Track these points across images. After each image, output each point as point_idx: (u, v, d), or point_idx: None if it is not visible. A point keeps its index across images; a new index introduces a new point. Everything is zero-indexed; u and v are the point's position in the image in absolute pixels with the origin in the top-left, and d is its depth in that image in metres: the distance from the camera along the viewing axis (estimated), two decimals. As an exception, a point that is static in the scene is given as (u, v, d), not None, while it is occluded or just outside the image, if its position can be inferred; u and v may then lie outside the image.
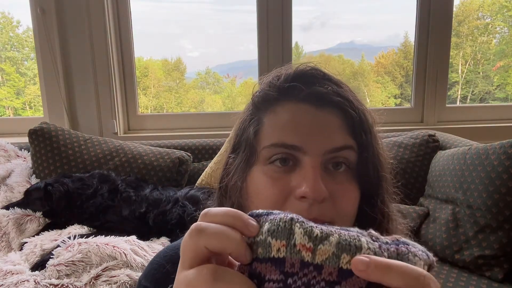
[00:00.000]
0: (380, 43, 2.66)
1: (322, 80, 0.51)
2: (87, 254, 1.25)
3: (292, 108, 0.50)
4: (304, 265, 0.28)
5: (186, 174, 1.91)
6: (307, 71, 0.52)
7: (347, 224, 0.48)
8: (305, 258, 0.28)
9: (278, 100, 0.51)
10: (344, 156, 0.48)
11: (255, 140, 0.51)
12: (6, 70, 2.58)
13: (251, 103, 0.55)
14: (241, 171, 0.52)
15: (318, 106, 0.49)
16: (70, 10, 2.09)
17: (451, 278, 1.38)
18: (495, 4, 2.57)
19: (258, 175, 0.49)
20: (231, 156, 0.56)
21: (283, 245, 0.28)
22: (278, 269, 0.28)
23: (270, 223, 0.29)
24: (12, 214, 1.54)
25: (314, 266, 0.28)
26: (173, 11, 2.58)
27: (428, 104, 2.26)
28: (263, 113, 0.52)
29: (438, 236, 1.51)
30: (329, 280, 0.28)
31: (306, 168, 0.46)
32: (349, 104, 0.50)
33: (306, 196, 0.44)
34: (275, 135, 0.49)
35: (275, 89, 0.52)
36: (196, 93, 2.76)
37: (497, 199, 1.38)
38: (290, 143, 0.47)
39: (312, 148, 0.47)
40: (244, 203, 0.51)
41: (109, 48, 2.13)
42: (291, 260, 0.28)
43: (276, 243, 0.28)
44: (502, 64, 2.60)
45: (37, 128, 1.86)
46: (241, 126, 0.55)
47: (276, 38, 2.19)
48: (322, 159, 0.47)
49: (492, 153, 1.43)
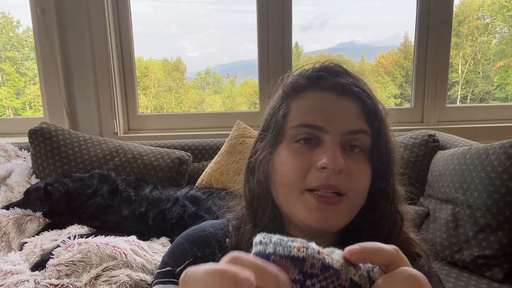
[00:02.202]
0: (380, 43, 2.66)
1: (343, 74, 0.59)
2: (87, 254, 1.25)
3: (317, 95, 0.58)
4: (325, 267, 0.28)
5: (186, 174, 1.91)
6: (331, 66, 0.60)
7: (359, 199, 0.55)
8: (326, 260, 0.28)
9: (306, 88, 0.59)
10: (359, 140, 0.55)
11: (283, 121, 0.58)
12: (6, 70, 2.58)
13: (282, 92, 0.62)
14: (269, 147, 0.59)
15: (339, 95, 0.57)
16: (70, 10, 2.09)
17: (451, 278, 1.38)
18: (495, 4, 2.57)
19: (284, 151, 0.56)
20: (262, 134, 0.62)
21: (303, 247, 0.28)
22: (297, 267, 0.28)
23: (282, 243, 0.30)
24: (12, 214, 1.54)
25: (334, 270, 0.28)
26: (173, 11, 2.58)
27: (428, 104, 2.26)
28: (291, 100, 0.59)
29: (438, 236, 1.51)
30: (344, 286, 0.28)
31: (327, 144, 0.53)
32: (366, 95, 0.57)
33: (327, 167, 0.51)
34: (301, 117, 0.56)
35: (304, 78, 0.60)
36: (196, 93, 2.76)
37: (497, 199, 1.38)
38: (313, 123, 0.55)
39: (333, 128, 0.54)
40: (269, 176, 0.58)
41: (109, 48, 2.13)
42: (312, 260, 0.28)
43: (296, 245, 0.29)
44: (502, 64, 2.60)
45: (37, 128, 1.86)
46: (271, 111, 0.62)
47: (276, 38, 2.19)
48: (340, 138, 0.54)
49: (492, 153, 1.43)
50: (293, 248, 0.28)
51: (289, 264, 0.28)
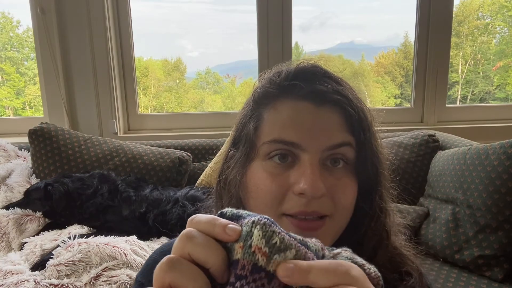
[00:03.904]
0: (380, 43, 2.66)
1: (322, 78, 0.52)
2: (87, 254, 1.25)
3: (292, 105, 0.50)
4: (255, 269, 0.26)
5: (186, 174, 1.91)
6: (307, 68, 0.53)
7: (345, 217, 0.50)
8: (259, 263, 0.26)
9: (278, 96, 0.52)
10: (342, 153, 0.49)
11: (255, 135, 0.52)
12: (6, 70, 2.58)
13: (251, 99, 0.55)
14: (240, 165, 0.53)
15: (318, 104, 0.50)
16: (70, 10, 2.09)
17: (451, 278, 1.38)
18: (495, 4, 2.57)
19: (258, 170, 0.50)
20: (231, 150, 0.57)
21: (240, 247, 0.27)
22: (234, 271, 0.26)
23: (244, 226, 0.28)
24: (12, 214, 1.54)
25: (266, 272, 0.26)
26: (173, 11, 2.58)
27: (428, 104, 2.26)
28: (263, 109, 0.53)
29: (438, 236, 1.51)
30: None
31: (304, 165, 0.47)
32: (348, 102, 0.50)
33: (305, 193, 0.45)
34: (275, 132, 0.50)
35: (275, 86, 0.53)
36: (196, 93, 2.76)
37: (497, 199, 1.38)
38: (289, 140, 0.48)
39: (311, 145, 0.48)
40: (243, 197, 0.52)
41: (109, 48, 2.13)
42: (243, 261, 0.26)
43: (237, 245, 0.27)
44: (502, 64, 2.60)
45: (37, 128, 1.86)
46: (242, 121, 0.56)
47: (276, 38, 2.19)
48: (320, 156, 0.48)
49: (492, 153, 1.43)
50: (235, 251, 0.27)
51: (230, 269, 0.27)
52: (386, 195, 0.54)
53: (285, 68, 0.54)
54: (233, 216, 0.29)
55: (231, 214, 0.30)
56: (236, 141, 0.56)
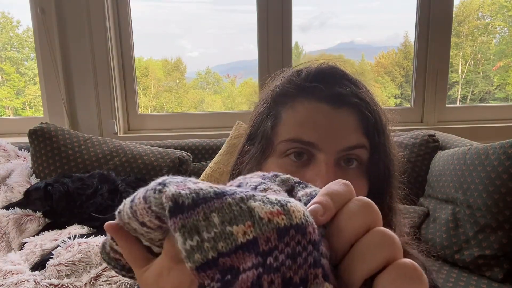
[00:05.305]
0: (380, 43, 2.66)
1: (341, 80, 0.53)
2: (87, 254, 1.26)
3: (311, 106, 0.51)
4: (282, 232, 0.22)
5: (186, 174, 1.91)
6: (327, 70, 0.54)
7: None
8: (281, 223, 0.23)
9: (297, 96, 0.53)
10: (356, 154, 0.51)
11: (272, 133, 0.53)
12: (6, 70, 2.58)
13: (270, 96, 0.56)
14: (256, 161, 0.54)
15: (336, 106, 0.51)
16: (70, 10, 2.09)
17: (451, 278, 1.38)
18: (495, 4, 2.57)
19: (273, 167, 0.51)
20: (247, 145, 0.57)
21: (249, 226, 0.23)
22: (252, 252, 0.22)
23: (221, 213, 0.23)
24: (12, 214, 1.54)
25: (295, 228, 0.23)
26: (173, 11, 2.59)
27: (428, 104, 2.26)
28: (281, 108, 0.53)
29: (438, 236, 1.51)
30: (314, 241, 0.23)
31: (320, 164, 0.49)
32: (365, 105, 0.52)
33: None
34: (292, 131, 0.51)
35: (295, 86, 0.54)
36: (196, 93, 2.76)
37: (497, 199, 1.38)
38: (306, 140, 0.49)
39: (327, 146, 0.49)
40: None
41: (109, 48, 2.13)
42: (264, 235, 0.22)
43: (238, 228, 0.23)
44: (502, 64, 2.60)
45: (37, 128, 1.86)
46: (258, 118, 0.56)
47: (276, 38, 2.19)
48: (335, 156, 0.49)
49: (492, 153, 1.43)
50: (237, 235, 0.23)
51: (241, 255, 0.22)
52: (396, 195, 0.56)
53: (304, 68, 0.55)
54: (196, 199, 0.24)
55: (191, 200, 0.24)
56: (251, 137, 0.57)
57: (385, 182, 0.53)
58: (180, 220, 0.24)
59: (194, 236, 0.23)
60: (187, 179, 0.26)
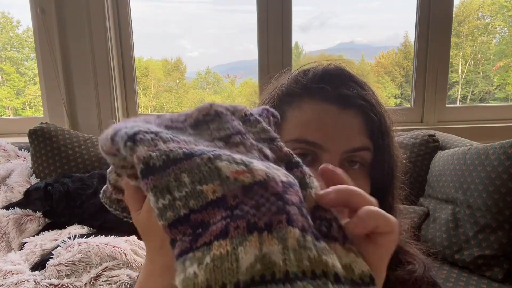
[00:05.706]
0: (380, 43, 2.66)
1: (348, 82, 0.53)
2: (87, 254, 1.25)
3: (317, 107, 0.52)
4: (247, 188, 0.25)
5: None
6: (334, 71, 0.54)
7: None
8: (246, 181, 0.25)
9: (303, 97, 0.53)
10: (360, 156, 0.51)
11: (276, 132, 0.52)
12: (6, 70, 2.58)
13: (275, 95, 0.56)
14: None
15: (342, 107, 0.51)
16: (70, 10, 2.09)
17: (451, 278, 1.38)
18: (495, 4, 2.57)
19: None
20: None
21: (218, 184, 0.25)
22: (221, 207, 0.24)
23: (191, 173, 0.26)
24: (12, 214, 1.54)
25: (258, 183, 0.25)
26: (173, 11, 2.59)
27: (428, 104, 2.26)
28: (287, 107, 0.54)
29: (438, 236, 1.51)
30: (277, 193, 0.25)
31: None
32: (371, 108, 0.52)
33: None
34: (297, 131, 0.51)
35: (301, 86, 0.54)
36: (196, 93, 2.76)
37: (497, 199, 1.38)
38: (311, 140, 0.50)
39: (332, 147, 0.49)
40: None
41: (109, 48, 2.12)
42: (231, 192, 0.25)
43: (208, 187, 0.25)
44: (502, 64, 2.60)
45: (37, 128, 1.86)
46: None
47: (276, 38, 2.19)
48: (340, 157, 0.50)
49: (492, 153, 1.43)
50: (207, 193, 0.25)
51: (212, 211, 0.25)
52: (397, 195, 0.56)
53: (311, 68, 0.55)
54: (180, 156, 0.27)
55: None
56: None
57: (388, 183, 0.54)
58: (151, 181, 0.26)
59: (166, 195, 0.25)
60: (138, 122, 0.30)
